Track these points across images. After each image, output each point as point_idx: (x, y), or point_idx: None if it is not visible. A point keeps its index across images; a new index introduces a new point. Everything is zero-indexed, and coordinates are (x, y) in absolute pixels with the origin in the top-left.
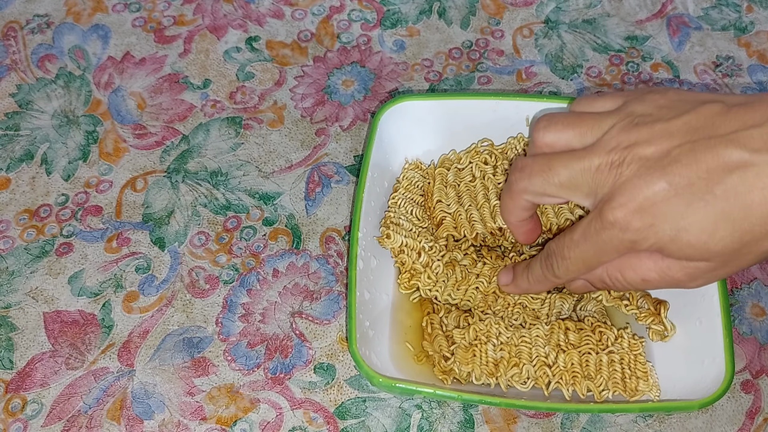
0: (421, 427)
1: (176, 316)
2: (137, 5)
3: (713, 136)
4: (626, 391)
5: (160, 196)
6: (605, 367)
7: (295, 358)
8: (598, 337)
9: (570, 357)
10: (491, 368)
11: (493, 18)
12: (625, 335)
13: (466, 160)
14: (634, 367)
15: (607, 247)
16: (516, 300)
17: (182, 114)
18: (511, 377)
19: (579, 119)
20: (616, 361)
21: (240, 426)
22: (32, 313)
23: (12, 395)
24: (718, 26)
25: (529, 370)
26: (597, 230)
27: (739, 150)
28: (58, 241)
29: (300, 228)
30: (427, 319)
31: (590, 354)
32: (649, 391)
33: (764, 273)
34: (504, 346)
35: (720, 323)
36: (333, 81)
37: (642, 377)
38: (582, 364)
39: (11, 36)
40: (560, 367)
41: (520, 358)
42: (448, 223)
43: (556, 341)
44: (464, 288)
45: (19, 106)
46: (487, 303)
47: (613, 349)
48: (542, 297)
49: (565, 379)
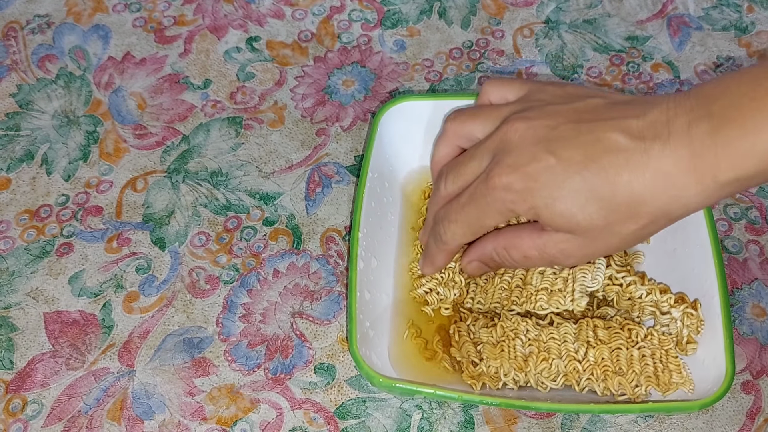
0: (421, 428)
1: (177, 316)
2: (137, 5)
3: (597, 120)
4: (660, 384)
5: (160, 197)
6: (636, 362)
7: (296, 358)
8: (627, 334)
9: (600, 352)
10: (520, 362)
11: (494, 18)
12: (655, 332)
13: None
14: (666, 361)
15: (491, 209)
16: (539, 286)
17: (182, 114)
18: (540, 371)
19: (479, 111)
20: (647, 356)
21: (240, 426)
22: (32, 314)
23: (12, 395)
24: (719, 26)
25: (559, 365)
26: (482, 193)
27: (616, 133)
28: (58, 241)
29: (300, 228)
30: (455, 327)
31: (621, 349)
32: (683, 385)
33: (765, 273)
34: (533, 342)
35: (720, 323)
36: (333, 81)
37: (675, 371)
38: (613, 359)
39: (11, 36)
40: (590, 362)
41: (549, 353)
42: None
43: (585, 338)
44: (491, 291)
45: (19, 106)
46: (511, 299)
47: (644, 345)
48: (564, 275)
49: (596, 374)
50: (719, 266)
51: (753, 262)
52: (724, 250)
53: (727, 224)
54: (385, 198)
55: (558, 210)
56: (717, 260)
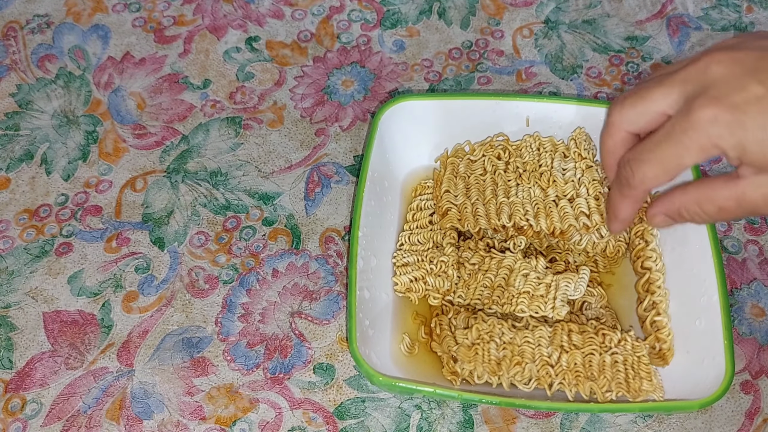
0: (420, 428)
1: (176, 316)
2: (137, 5)
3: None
4: (630, 391)
5: (159, 196)
6: (608, 367)
7: (295, 358)
8: (601, 339)
9: (573, 357)
10: (494, 366)
11: (493, 18)
12: (629, 338)
13: (480, 152)
14: (638, 368)
15: (692, 145)
16: (521, 289)
17: (182, 114)
18: (513, 375)
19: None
20: (619, 362)
21: (239, 426)
22: (32, 313)
23: (11, 395)
24: (718, 26)
25: (532, 369)
26: (683, 127)
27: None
28: (57, 241)
29: (299, 228)
30: (437, 321)
31: (593, 355)
32: (653, 392)
33: (764, 273)
34: (507, 346)
35: (720, 323)
36: (333, 81)
37: (646, 377)
38: (585, 364)
39: (11, 36)
40: (563, 367)
41: (522, 357)
42: (452, 214)
43: (559, 342)
44: (474, 286)
45: (19, 106)
46: (492, 298)
47: (617, 351)
48: (546, 281)
49: (568, 379)
50: (719, 266)
51: (752, 262)
52: (724, 250)
53: (727, 224)
54: (384, 197)
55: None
56: (716, 260)
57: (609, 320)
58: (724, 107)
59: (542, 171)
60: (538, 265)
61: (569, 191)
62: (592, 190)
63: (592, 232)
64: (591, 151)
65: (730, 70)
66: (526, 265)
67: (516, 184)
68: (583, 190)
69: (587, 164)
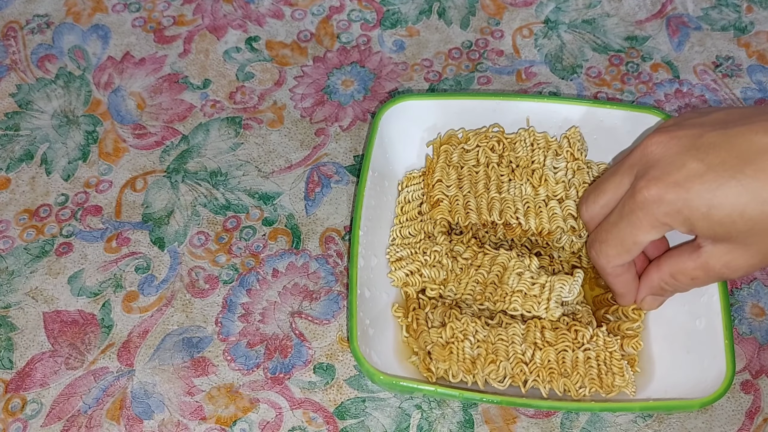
0: (420, 427)
1: (176, 316)
2: (137, 5)
3: (745, 123)
4: (603, 387)
5: (159, 196)
6: (581, 364)
7: (295, 358)
8: (573, 335)
9: (546, 354)
10: (468, 365)
11: (493, 18)
12: (600, 333)
13: (474, 142)
14: (610, 363)
15: (642, 225)
16: (514, 287)
17: (182, 114)
18: (488, 374)
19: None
20: (592, 358)
21: (239, 426)
22: (32, 313)
23: (12, 395)
24: (718, 26)
25: (506, 367)
26: (631, 208)
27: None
28: (57, 241)
29: (300, 228)
30: (413, 315)
31: (566, 351)
32: (626, 387)
33: (764, 273)
34: (481, 344)
35: (720, 323)
36: (333, 81)
37: (618, 373)
38: (558, 361)
39: (11, 36)
40: (537, 364)
41: (497, 355)
42: (443, 206)
43: (532, 339)
44: (465, 281)
45: (19, 106)
46: (485, 295)
47: (589, 347)
48: (541, 282)
49: (542, 376)
50: None
51: None
52: None
53: None
54: (385, 197)
55: (716, 218)
56: None
57: (585, 316)
58: (666, 186)
59: (534, 168)
60: (531, 265)
61: (559, 192)
62: (582, 192)
63: (577, 235)
64: (583, 152)
65: (669, 149)
66: (520, 263)
67: (508, 180)
68: (573, 192)
69: (578, 165)
